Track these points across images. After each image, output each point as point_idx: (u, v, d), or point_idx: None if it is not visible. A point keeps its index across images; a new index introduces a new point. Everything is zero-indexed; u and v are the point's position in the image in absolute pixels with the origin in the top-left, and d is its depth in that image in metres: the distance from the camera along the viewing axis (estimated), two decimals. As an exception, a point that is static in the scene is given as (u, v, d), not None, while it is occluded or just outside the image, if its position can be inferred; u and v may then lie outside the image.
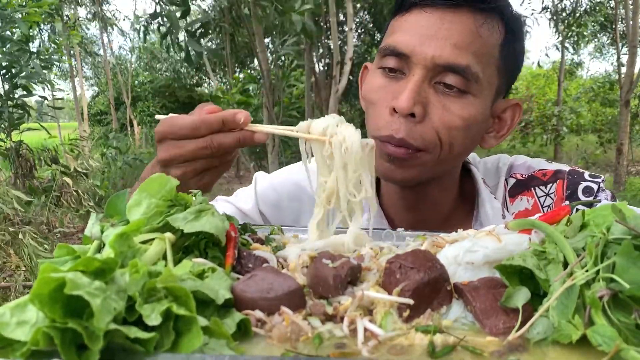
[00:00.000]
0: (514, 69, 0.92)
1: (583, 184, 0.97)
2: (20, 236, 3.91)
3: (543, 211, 0.98)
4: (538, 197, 0.99)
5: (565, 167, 1.01)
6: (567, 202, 0.96)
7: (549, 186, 0.99)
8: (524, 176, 1.03)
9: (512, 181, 1.03)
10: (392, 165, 0.86)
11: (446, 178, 0.97)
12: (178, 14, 4.01)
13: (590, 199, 0.94)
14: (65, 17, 10.68)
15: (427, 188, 0.96)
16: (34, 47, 5.64)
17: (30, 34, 5.52)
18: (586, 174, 0.99)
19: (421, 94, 0.82)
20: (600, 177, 0.98)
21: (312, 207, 0.82)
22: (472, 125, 0.85)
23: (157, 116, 0.81)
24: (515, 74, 0.94)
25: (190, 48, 4.01)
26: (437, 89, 0.84)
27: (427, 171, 0.88)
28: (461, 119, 0.83)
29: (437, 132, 0.83)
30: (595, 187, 0.96)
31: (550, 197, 0.98)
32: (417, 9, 0.85)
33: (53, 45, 6.07)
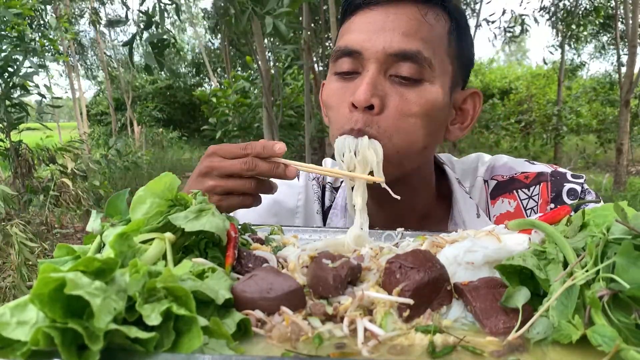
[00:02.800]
0: (466, 59, 0.94)
1: (567, 186, 0.99)
2: (12, 229, 3.89)
3: (526, 214, 0.99)
4: (521, 200, 1.01)
5: (547, 168, 1.03)
6: (552, 205, 0.98)
7: (531, 189, 1.00)
8: (505, 177, 1.04)
9: (493, 183, 1.04)
10: None
11: (415, 176, 0.97)
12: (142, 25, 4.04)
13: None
14: (56, 12, 10.66)
15: (396, 187, 0.93)
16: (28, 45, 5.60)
17: (23, 30, 5.50)
18: (568, 175, 1.01)
19: (378, 87, 0.84)
20: (583, 177, 1.00)
21: (290, 220, 0.98)
22: (430, 111, 0.86)
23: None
24: (468, 65, 0.96)
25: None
26: (393, 81, 0.85)
27: (391, 165, 0.87)
28: (418, 105, 0.85)
29: (395, 121, 0.85)
30: (579, 188, 0.98)
31: (533, 199, 1.00)
32: (361, 9, 0.88)
33: (46, 41, 6.03)
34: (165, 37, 4.09)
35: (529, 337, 0.46)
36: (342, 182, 1.08)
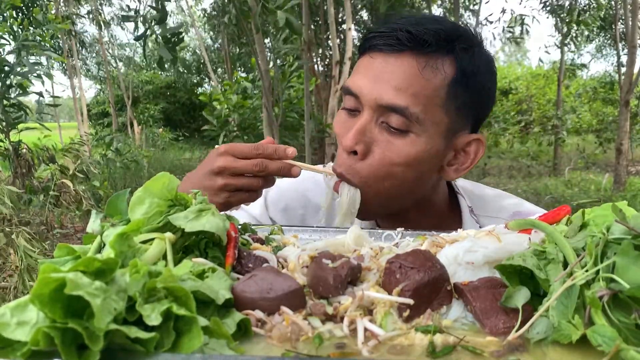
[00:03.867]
0: (475, 106, 0.94)
1: None
2: (13, 236, 3.89)
3: None
4: None
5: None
6: None
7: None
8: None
9: None
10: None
11: (424, 204, 1.03)
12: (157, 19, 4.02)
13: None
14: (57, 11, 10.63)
15: (406, 214, 1.03)
16: (20, 43, 5.57)
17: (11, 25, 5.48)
18: None
19: (367, 133, 0.90)
20: None
21: (314, 214, 1.08)
22: (412, 162, 0.90)
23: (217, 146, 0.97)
24: (479, 111, 0.96)
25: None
26: (382, 127, 0.90)
27: (376, 206, 0.95)
28: (400, 156, 0.89)
29: (376, 169, 0.90)
30: None
31: None
32: (368, 52, 0.93)
33: (39, 37, 5.99)
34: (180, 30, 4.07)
35: (529, 337, 0.46)
36: None
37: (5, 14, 5.29)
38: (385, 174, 0.90)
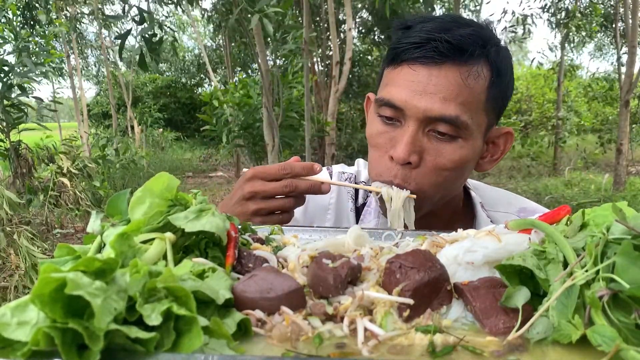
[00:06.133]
0: (503, 99, 0.99)
1: None
2: (15, 236, 3.90)
3: None
4: None
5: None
6: None
7: None
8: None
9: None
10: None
11: (445, 204, 1.05)
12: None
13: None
14: (63, 18, 10.65)
15: (433, 211, 1.05)
16: (21, 44, 5.57)
17: (15, 30, 5.49)
18: None
19: (416, 143, 0.91)
20: None
21: (322, 217, 1.13)
22: (462, 165, 0.94)
23: (244, 169, 0.98)
24: (506, 102, 1.01)
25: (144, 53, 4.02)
26: (430, 136, 0.92)
27: (425, 207, 0.97)
28: (452, 162, 0.92)
29: (430, 175, 0.93)
30: None
31: None
32: (406, 64, 0.92)
33: (41, 40, 6.01)
34: (157, 32, 4.08)
35: (529, 337, 0.46)
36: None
37: (7, 13, 5.29)
38: (439, 179, 0.93)
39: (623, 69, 8.43)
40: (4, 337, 0.38)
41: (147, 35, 3.99)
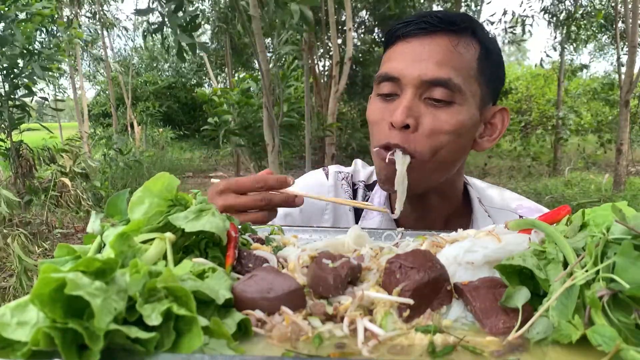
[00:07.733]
0: (496, 79, 1.03)
1: None
2: (9, 240, 3.89)
3: None
4: None
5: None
6: None
7: None
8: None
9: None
10: (389, 168, 0.95)
11: (445, 185, 1.06)
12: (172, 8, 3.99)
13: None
14: (65, 18, 10.66)
15: (430, 195, 1.07)
16: (35, 48, 5.60)
17: (30, 35, 5.50)
18: None
19: (413, 108, 0.93)
20: None
21: (319, 218, 1.13)
22: (459, 130, 0.95)
23: (213, 180, 0.97)
24: (498, 84, 1.05)
25: (181, 42, 3.97)
26: (427, 103, 0.95)
27: (423, 178, 0.97)
28: (449, 124, 0.94)
29: (428, 138, 0.94)
30: None
31: None
32: (400, 40, 0.98)
33: (55, 47, 6.02)
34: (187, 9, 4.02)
35: (529, 337, 0.46)
36: (374, 181, 1.17)
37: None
38: (438, 143, 0.94)
39: (623, 69, 8.42)
40: (3, 337, 0.38)
41: (182, 23, 3.92)
